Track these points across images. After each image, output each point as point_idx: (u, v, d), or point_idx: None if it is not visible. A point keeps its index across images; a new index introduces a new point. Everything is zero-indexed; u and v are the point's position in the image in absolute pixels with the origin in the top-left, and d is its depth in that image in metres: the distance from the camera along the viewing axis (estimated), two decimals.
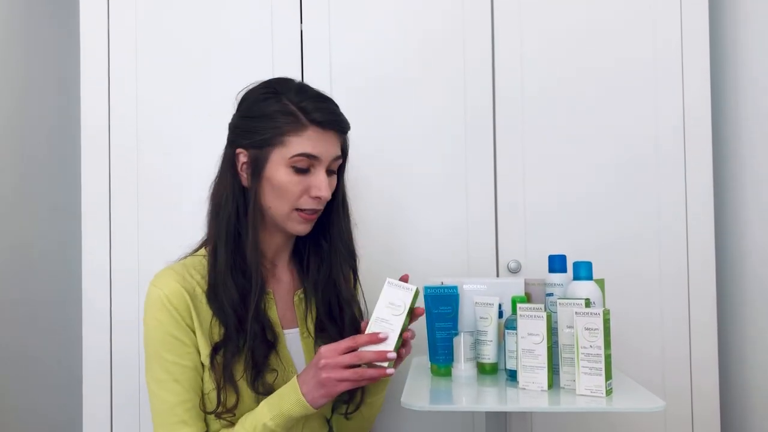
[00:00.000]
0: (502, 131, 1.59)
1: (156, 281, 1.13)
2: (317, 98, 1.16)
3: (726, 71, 1.64)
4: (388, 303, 1.08)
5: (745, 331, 1.58)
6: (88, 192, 1.58)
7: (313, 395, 1.05)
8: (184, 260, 1.19)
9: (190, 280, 1.14)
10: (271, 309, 1.19)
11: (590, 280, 1.14)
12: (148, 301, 1.13)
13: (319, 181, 1.13)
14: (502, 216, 1.59)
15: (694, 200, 1.57)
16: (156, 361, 1.12)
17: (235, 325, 1.11)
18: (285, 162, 1.12)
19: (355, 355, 1.04)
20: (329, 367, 1.03)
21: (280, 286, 1.23)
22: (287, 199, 1.13)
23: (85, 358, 1.56)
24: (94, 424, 1.56)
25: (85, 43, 1.60)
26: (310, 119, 1.12)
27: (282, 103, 1.13)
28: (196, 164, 1.56)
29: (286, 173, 1.12)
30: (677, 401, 1.55)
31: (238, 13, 1.61)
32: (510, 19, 1.60)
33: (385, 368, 1.04)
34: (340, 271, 1.22)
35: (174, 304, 1.10)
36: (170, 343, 1.10)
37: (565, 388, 1.09)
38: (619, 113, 1.59)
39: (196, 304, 1.13)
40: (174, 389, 1.10)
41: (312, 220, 1.17)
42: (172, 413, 1.10)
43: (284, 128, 1.12)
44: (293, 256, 1.27)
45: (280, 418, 1.06)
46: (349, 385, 1.05)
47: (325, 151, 1.14)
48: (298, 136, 1.12)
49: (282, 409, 1.06)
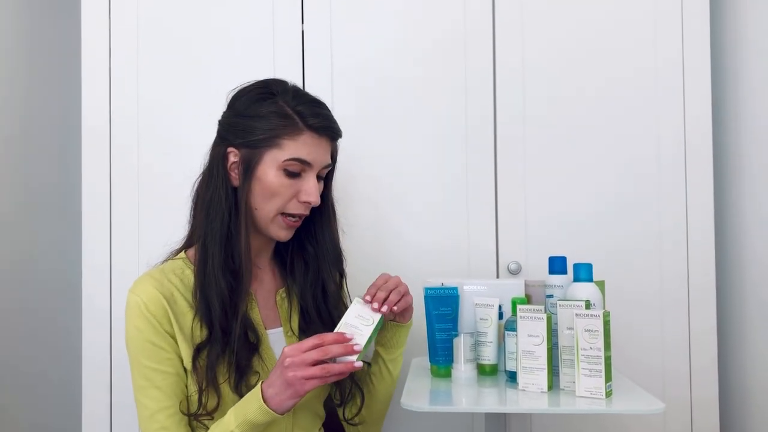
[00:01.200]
0: (504, 133, 1.59)
1: (134, 288, 1.13)
2: (313, 103, 1.16)
3: (727, 81, 1.64)
4: (358, 315, 1.09)
5: (745, 341, 1.57)
6: (88, 191, 1.59)
7: (280, 398, 1.03)
8: (162, 265, 1.18)
9: (168, 285, 1.13)
10: (253, 310, 1.18)
11: (590, 282, 1.14)
12: (127, 308, 1.12)
13: (309, 187, 1.13)
14: (502, 218, 1.59)
15: (695, 209, 1.57)
16: (137, 368, 1.11)
17: (221, 326, 1.10)
18: (278, 164, 1.12)
19: (321, 350, 1.02)
20: (295, 365, 1.01)
21: (261, 286, 1.22)
22: (275, 202, 1.13)
23: (85, 357, 1.57)
24: (94, 423, 1.56)
25: (86, 42, 1.60)
26: (307, 124, 1.12)
27: (278, 104, 1.13)
28: (197, 163, 1.56)
29: (277, 176, 1.12)
30: (677, 409, 1.54)
31: (240, 13, 1.62)
32: (512, 27, 1.60)
33: (352, 362, 1.03)
34: (329, 275, 1.23)
35: (151, 310, 1.10)
36: (149, 350, 1.10)
37: (565, 389, 1.09)
38: (620, 119, 1.59)
39: (175, 308, 1.12)
40: (155, 396, 1.10)
41: (295, 227, 1.17)
42: (153, 420, 1.09)
43: (280, 130, 1.11)
44: (273, 256, 1.27)
45: (245, 425, 1.04)
46: (317, 382, 1.02)
47: (318, 158, 1.14)
48: (293, 140, 1.12)
49: (247, 417, 1.04)
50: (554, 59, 1.60)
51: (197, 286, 1.12)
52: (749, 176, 1.56)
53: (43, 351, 1.83)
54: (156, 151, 1.60)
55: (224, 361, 1.10)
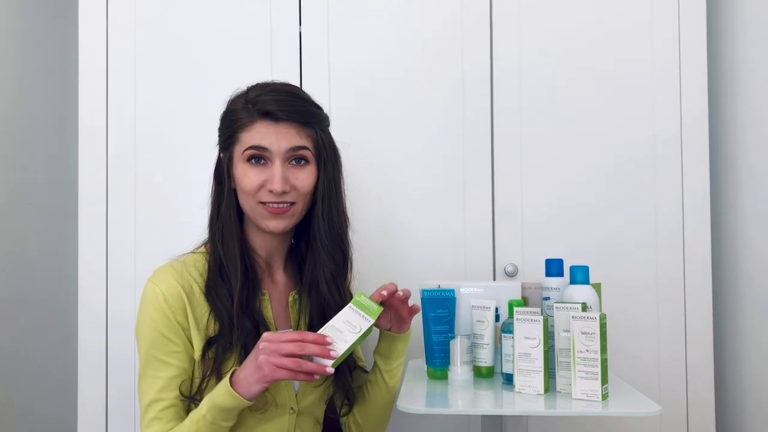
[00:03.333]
0: (500, 135, 1.60)
1: (154, 277, 1.14)
2: (274, 92, 1.14)
3: (723, 73, 1.64)
4: (346, 320, 1.08)
5: (740, 336, 1.58)
6: (85, 193, 1.58)
7: (248, 381, 1.03)
8: (184, 258, 1.20)
9: (188, 277, 1.15)
10: (266, 309, 1.19)
11: (587, 285, 1.14)
12: (144, 297, 1.13)
13: (271, 174, 1.12)
14: (499, 220, 1.59)
15: (691, 205, 1.57)
16: (143, 356, 1.12)
17: (229, 321, 1.11)
18: (241, 158, 1.14)
19: (298, 344, 1.01)
20: (269, 350, 1.01)
21: (275, 287, 1.23)
22: (248, 194, 1.14)
23: (81, 359, 1.56)
24: (89, 424, 1.56)
25: (83, 43, 1.60)
26: (257, 110, 1.12)
27: (239, 101, 1.16)
28: (193, 166, 1.56)
29: (243, 168, 1.14)
30: (673, 406, 1.55)
31: (237, 15, 1.62)
32: (509, 24, 1.60)
33: (325, 366, 1.02)
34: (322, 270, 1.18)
35: (169, 302, 1.11)
36: (159, 341, 1.11)
37: (561, 392, 1.09)
38: (616, 118, 1.59)
39: (193, 301, 1.13)
40: (155, 385, 1.11)
41: (279, 213, 1.14)
42: (150, 408, 1.11)
43: (237, 125, 1.14)
44: (291, 257, 1.27)
45: (214, 410, 1.05)
46: (287, 374, 1.01)
47: (275, 143, 1.12)
48: (248, 131, 1.13)
49: (215, 401, 1.05)
50: (551, 62, 1.60)
51: (206, 283, 1.15)
52: (746, 171, 1.57)
53: (39, 351, 1.82)
54: (153, 152, 1.60)
55: (233, 355, 1.12)
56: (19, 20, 1.79)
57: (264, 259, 1.22)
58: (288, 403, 1.16)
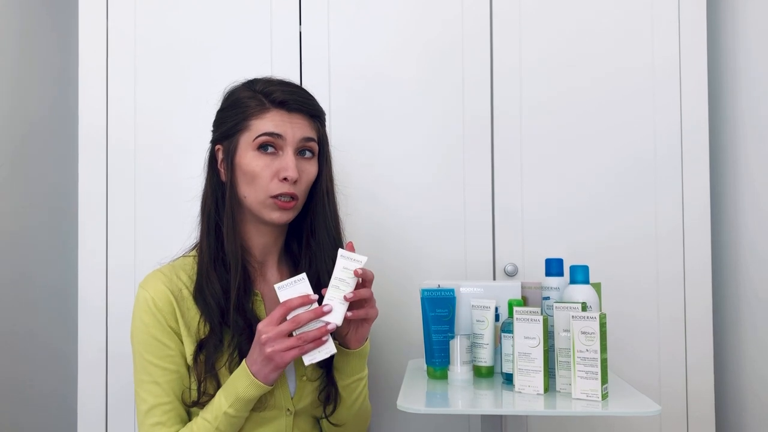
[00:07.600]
0: (500, 134, 1.60)
1: (143, 283, 1.15)
2: (284, 84, 1.17)
3: (723, 77, 1.64)
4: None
5: (740, 334, 1.58)
6: (85, 189, 1.59)
7: (264, 372, 1.06)
8: (173, 262, 1.20)
9: (177, 281, 1.15)
10: (260, 309, 1.18)
11: (587, 284, 1.14)
12: (136, 303, 1.14)
13: (285, 162, 1.12)
14: (499, 219, 1.59)
15: (691, 204, 1.57)
16: (139, 362, 1.13)
17: (219, 320, 1.11)
18: (251, 145, 1.13)
19: (292, 320, 1.04)
20: (271, 340, 1.03)
21: (267, 286, 1.22)
22: (259, 186, 1.13)
23: (81, 355, 1.56)
24: (90, 420, 1.56)
25: (83, 44, 1.60)
26: (271, 100, 1.13)
27: (246, 91, 1.16)
28: (193, 164, 1.56)
29: (253, 156, 1.13)
30: (673, 403, 1.55)
31: (237, 15, 1.62)
32: (509, 27, 1.60)
33: (326, 324, 1.05)
34: (322, 267, 1.18)
35: (159, 306, 1.11)
36: (153, 345, 1.11)
37: (561, 391, 1.09)
38: (616, 118, 1.59)
39: (182, 305, 1.13)
40: (153, 391, 1.11)
41: (287, 207, 1.14)
42: (150, 414, 1.11)
43: (248, 112, 1.14)
44: (285, 256, 1.27)
45: (238, 403, 1.07)
46: (296, 352, 1.04)
47: (289, 131, 1.13)
48: (260, 119, 1.13)
49: (238, 395, 1.06)
50: (551, 63, 1.60)
51: (196, 282, 1.14)
52: (746, 171, 1.57)
53: (39, 347, 1.82)
54: (152, 152, 1.60)
55: (224, 354, 1.12)
56: (19, 20, 1.79)
57: (257, 258, 1.21)
58: (284, 404, 1.16)
